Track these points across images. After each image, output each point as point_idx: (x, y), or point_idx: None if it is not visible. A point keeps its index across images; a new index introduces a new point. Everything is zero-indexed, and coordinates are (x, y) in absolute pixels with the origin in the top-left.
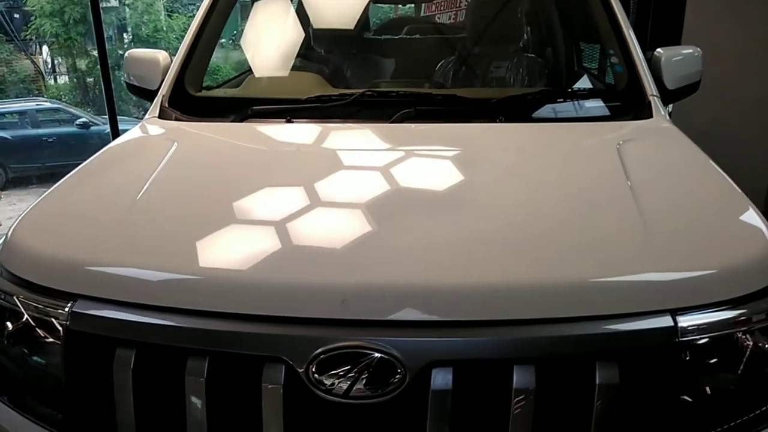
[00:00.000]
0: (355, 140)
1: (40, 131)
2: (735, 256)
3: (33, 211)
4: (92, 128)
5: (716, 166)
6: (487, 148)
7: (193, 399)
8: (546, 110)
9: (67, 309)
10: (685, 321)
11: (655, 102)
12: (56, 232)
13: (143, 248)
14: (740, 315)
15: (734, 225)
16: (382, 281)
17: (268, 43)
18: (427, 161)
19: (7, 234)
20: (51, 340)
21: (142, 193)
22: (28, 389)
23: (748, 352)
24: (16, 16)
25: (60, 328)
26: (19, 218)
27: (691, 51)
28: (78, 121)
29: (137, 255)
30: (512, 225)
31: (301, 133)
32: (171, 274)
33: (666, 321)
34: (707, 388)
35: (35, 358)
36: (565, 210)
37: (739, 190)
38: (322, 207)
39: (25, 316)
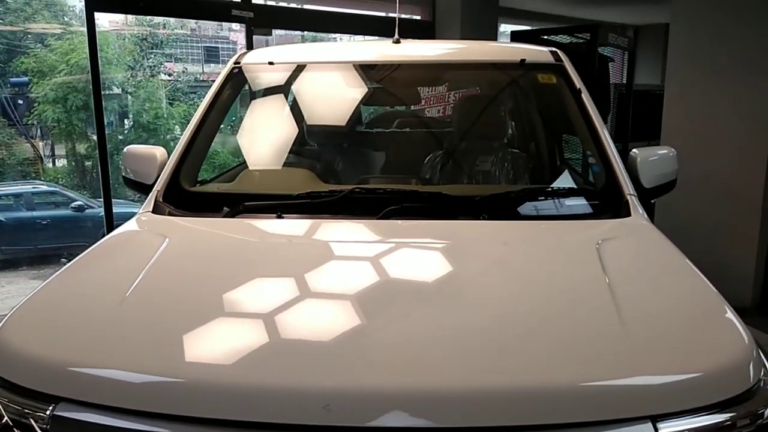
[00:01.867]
0: (343, 235)
1: (35, 213)
2: (715, 360)
3: (20, 310)
4: (87, 211)
5: (692, 265)
6: (471, 246)
7: None
8: (528, 208)
9: (48, 412)
10: (666, 427)
11: (633, 201)
12: (42, 331)
13: (127, 349)
14: (724, 420)
15: (713, 327)
16: (366, 385)
17: (263, 139)
18: (412, 258)
19: None
20: None
21: (130, 291)
22: None
23: None
24: (21, 102)
25: None
26: (6, 317)
27: (666, 151)
28: (73, 204)
29: (121, 356)
30: (495, 326)
31: (291, 228)
32: (154, 377)
33: (647, 428)
34: None
35: None
36: (548, 310)
37: (715, 290)
38: (306, 303)
39: (6, 417)
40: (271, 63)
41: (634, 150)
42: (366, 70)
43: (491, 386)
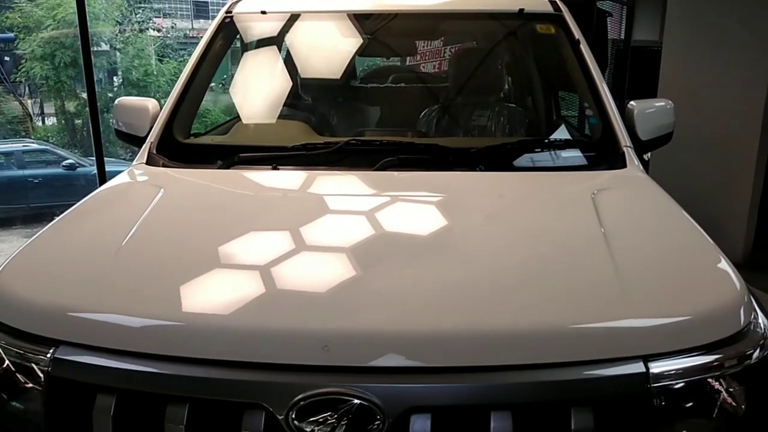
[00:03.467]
0: (339, 187)
1: (26, 172)
2: (706, 302)
3: (18, 257)
4: (78, 170)
5: (686, 215)
6: (467, 196)
7: None
8: (524, 159)
9: (48, 355)
10: (657, 367)
11: (629, 153)
12: (40, 278)
13: (126, 294)
14: (712, 360)
15: (705, 272)
16: (363, 327)
17: (256, 92)
18: (409, 209)
19: None
20: (32, 385)
21: (127, 239)
22: None
23: (720, 397)
24: (7, 59)
25: (41, 374)
26: (4, 264)
27: (663, 104)
28: (64, 163)
29: (119, 301)
30: (490, 272)
31: (286, 179)
32: (152, 320)
33: (638, 367)
34: (680, 430)
35: (16, 404)
36: (542, 258)
37: (709, 239)
38: (304, 252)
39: (7, 361)
40: (263, 12)
41: (631, 102)
42: (361, 19)
43: (487, 327)
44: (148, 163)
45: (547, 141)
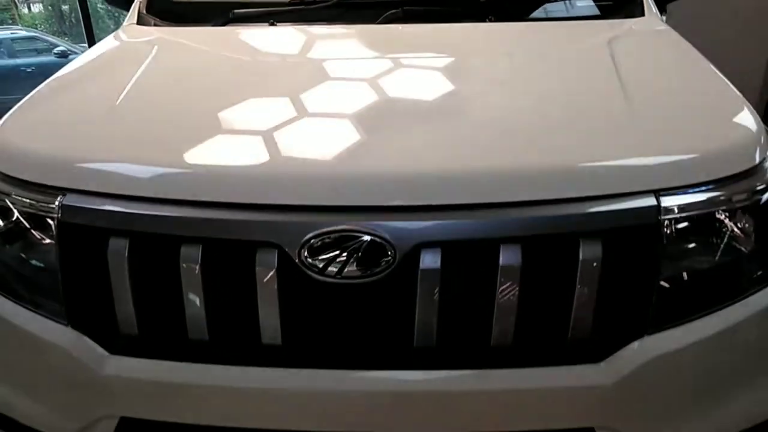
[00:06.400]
0: (340, 42)
1: (18, 61)
2: (718, 139)
3: (17, 112)
4: (71, 57)
5: (704, 59)
6: (478, 46)
7: (189, 284)
8: (535, 9)
9: (57, 202)
10: (668, 201)
11: (647, 0)
12: (43, 129)
13: (132, 141)
14: (721, 195)
15: (719, 111)
16: (373, 168)
17: None
18: (416, 62)
19: None
20: (44, 234)
21: (128, 89)
22: (26, 284)
23: (728, 231)
24: None
25: (52, 222)
26: (4, 119)
27: None
28: (56, 50)
29: (127, 147)
30: (501, 114)
31: (285, 36)
32: (162, 166)
33: (650, 201)
34: (687, 263)
35: (30, 253)
36: (555, 100)
37: (726, 80)
38: (311, 104)
39: (16, 213)
40: None
41: None
42: None
43: (495, 164)
44: (138, 23)
45: None
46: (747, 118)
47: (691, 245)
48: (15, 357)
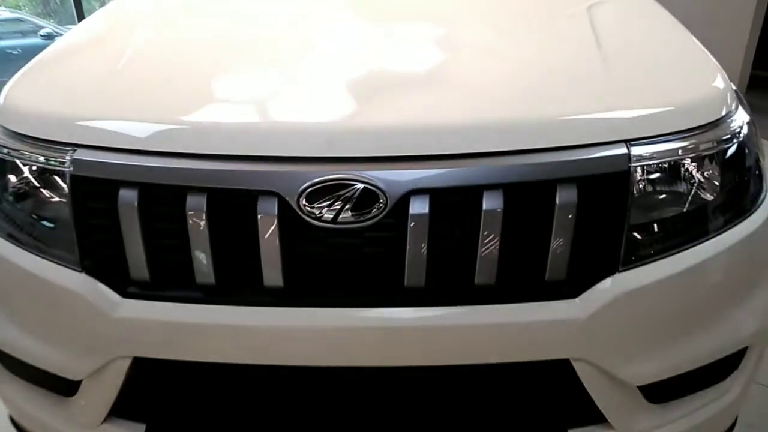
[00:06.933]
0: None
1: (3, 43)
2: (686, 92)
3: (23, 75)
4: (57, 39)
5: (679, 23)
6: (461, 9)
7: (195, 232)
8: None
9: (69, 157)
10: (638, 149)
11: None
12: (51, 90)
13: (139, 99)
14: (688, 144)
15: (689, 68)
16: (365, 121)
17: None
18: (405, 25)
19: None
20: (57, 187)
21: (130, 50)
22: (41, 235)
23: (695, 177)
24: None
25: (64, 176)
26: (12, 80)
27: None
28: (42, 32)
29: (134, 105)
30: (484, 71)
31: None
32: (167, 122)
33: (621, 149)
34: (656, 207)
35: (43, 208)
36: (535, 58)
37: (701, 46)
38: (307, 60)
39: (28, 169)
40: None
41: None
42: None
43: (477, 117)
44: None
45: None
46: (714, 74)
47: (660, 190)
48: (30, 304)
